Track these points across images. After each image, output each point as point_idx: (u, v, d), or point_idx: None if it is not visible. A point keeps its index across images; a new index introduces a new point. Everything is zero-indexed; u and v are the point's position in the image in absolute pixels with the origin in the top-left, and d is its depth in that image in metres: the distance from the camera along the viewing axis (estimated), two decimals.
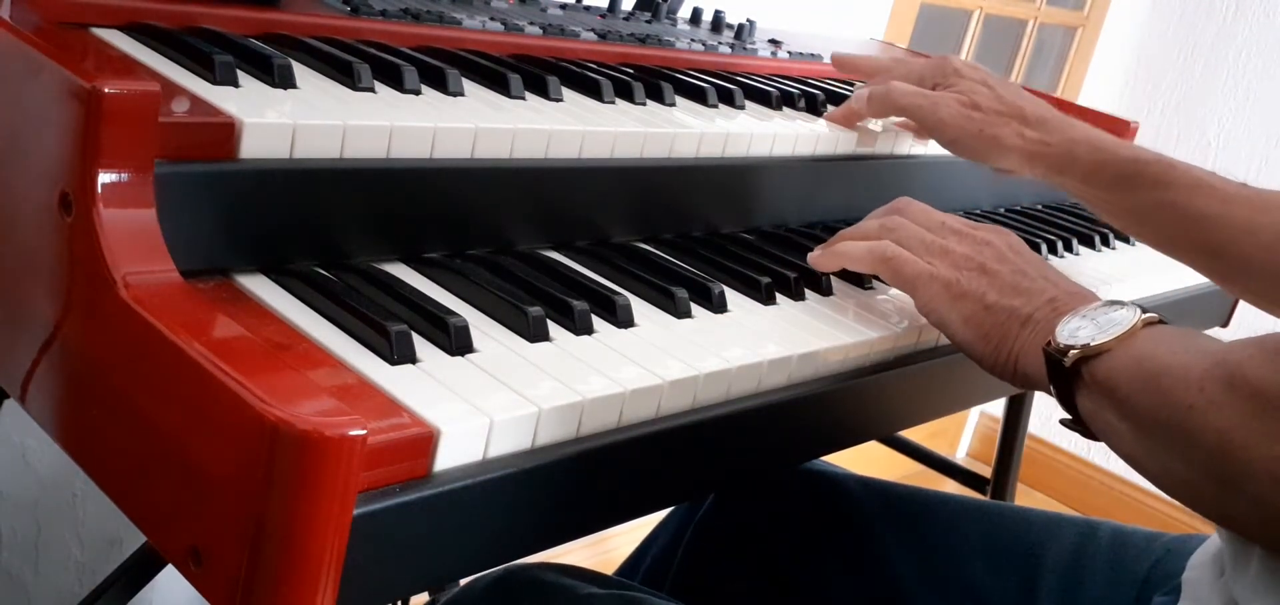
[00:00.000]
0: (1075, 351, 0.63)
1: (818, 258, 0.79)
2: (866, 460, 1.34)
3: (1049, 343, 0.65)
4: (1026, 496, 2.57)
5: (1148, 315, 0.63)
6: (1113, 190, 0.87)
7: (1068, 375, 0.64)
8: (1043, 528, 0.90)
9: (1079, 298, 0.69)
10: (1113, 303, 0.66)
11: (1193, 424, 0.57)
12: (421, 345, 0.56)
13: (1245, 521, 0.59)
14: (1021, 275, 0.71)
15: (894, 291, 0.82)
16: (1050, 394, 0.67)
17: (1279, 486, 0.54)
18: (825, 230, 0.92)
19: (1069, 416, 0.67)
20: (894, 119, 0.98)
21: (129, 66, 0.61)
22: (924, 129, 0.91)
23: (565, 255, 0.74)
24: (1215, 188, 0.84)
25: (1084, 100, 2.47)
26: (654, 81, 0.86)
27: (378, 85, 0.69)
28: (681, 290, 0.70)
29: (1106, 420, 0.63)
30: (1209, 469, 0.58)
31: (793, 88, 0.98)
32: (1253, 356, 0.56)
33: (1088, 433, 0.66)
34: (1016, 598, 0.87)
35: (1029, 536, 0.90)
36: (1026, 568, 0.88)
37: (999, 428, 1.40)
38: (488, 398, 0.53)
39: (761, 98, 0.95)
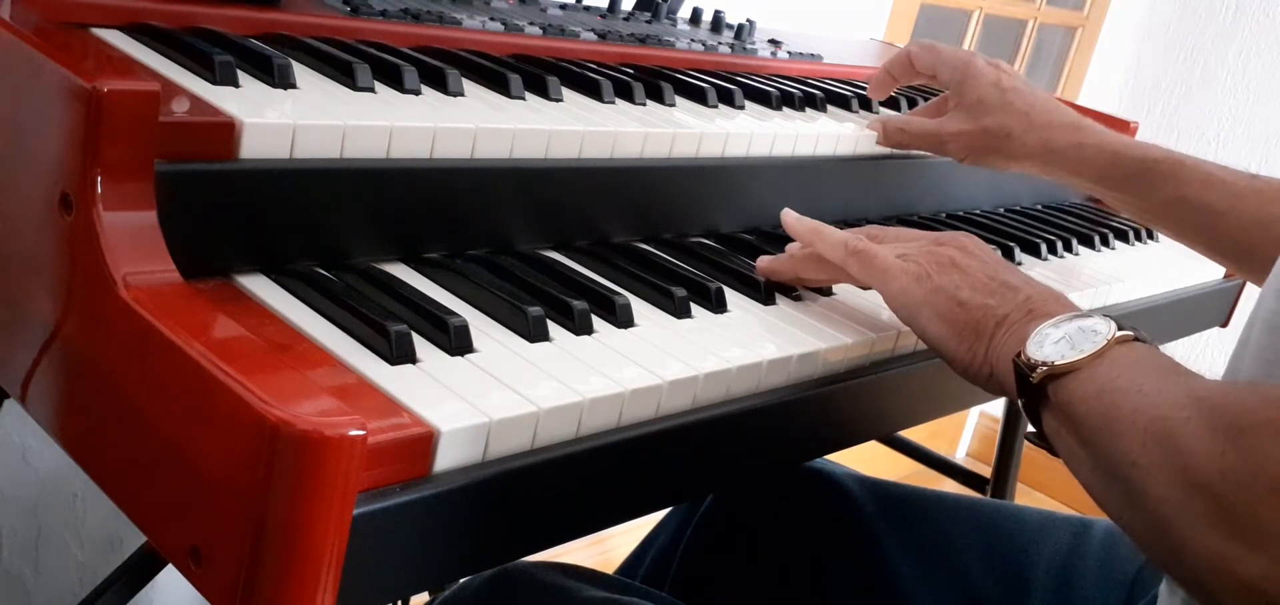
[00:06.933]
0: (1043, 369, 0.59)
1: (772, 266, 0.75)
2: (866, 460, 1.34)
3: (1019, 353, 0.61)
4: (1026, 496, 2.57)
5: (1122, 333, 0.59)
6: (1125, 190, 0.89)
7: (1034, 391, 0.60)
8: (1037, 526, 0.90)
9: (1055, 301, 0.65)
10: (1087, 314, 0.62)
11: (1135, 483, 0.53)
12: (421, 345, 0.56)
13: (1191, 591, 0.54)
14: (993, 277, 0.68)
15: None
16: (1019, 405, 0.63)
17: (1216, 576, 0.49)
18: None
19: (1036, 430, 0.63)
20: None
21: (129, 66, 0.61)
22: None
23: (565, 255, 0.74)
24: (1225, 182, 0.84)
25: (1084, 100, 2.47)
26: (654, 82, 0.86)
27: (378, 85, 0.69)
28: (681, 290, 0.70)
29: (1067, 445, 0.59)
30: (1150, 533, 0.53)
31: (793, 88, 0.98)
32: (1190, 420, 0.51)
33: (1053, 450, 0.62)
34: (1010, 595, 0.87)
35: (1023, 535, 0.90)
36: (1020, 566, 0.88)
37: (999, 428, 1.41)
38: (487, 398, 0.53)
39: (761, 98, 0.95)
